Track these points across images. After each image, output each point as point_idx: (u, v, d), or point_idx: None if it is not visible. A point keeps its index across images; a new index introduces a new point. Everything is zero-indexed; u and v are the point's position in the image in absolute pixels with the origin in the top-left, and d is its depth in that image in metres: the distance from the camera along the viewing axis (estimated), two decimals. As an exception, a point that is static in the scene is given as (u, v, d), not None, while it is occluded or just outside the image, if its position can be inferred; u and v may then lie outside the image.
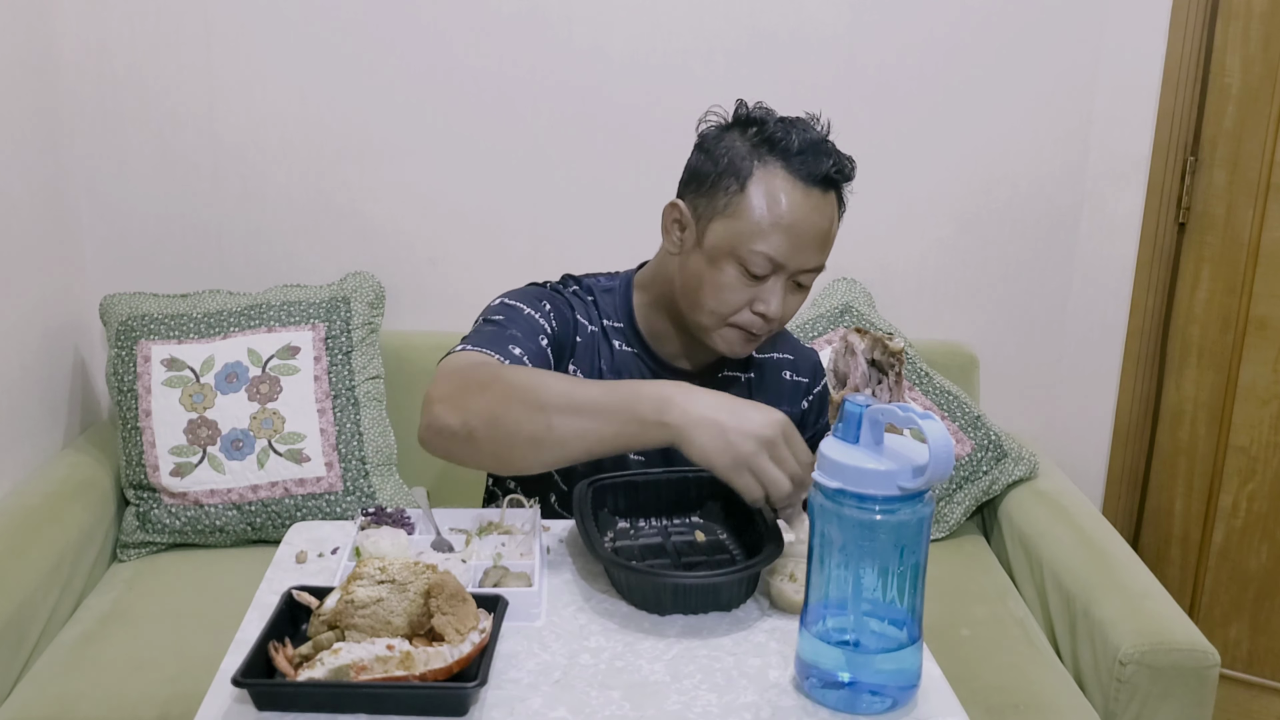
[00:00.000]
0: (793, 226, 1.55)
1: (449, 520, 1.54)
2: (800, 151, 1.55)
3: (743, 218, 1.55)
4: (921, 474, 1.11)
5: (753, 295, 1.58)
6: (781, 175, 1.55)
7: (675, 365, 1.73)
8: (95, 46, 2.55)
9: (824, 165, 1.56)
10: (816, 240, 1.57)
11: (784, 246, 1.55)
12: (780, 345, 1.84)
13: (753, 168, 1.56)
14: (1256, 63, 2.49)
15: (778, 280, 1.58)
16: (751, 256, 1.55)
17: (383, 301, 2.64)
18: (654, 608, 1.34)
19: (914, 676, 1.19)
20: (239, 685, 1.11)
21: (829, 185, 1.58)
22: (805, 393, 1.83)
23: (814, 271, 1.60)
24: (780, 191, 1.55)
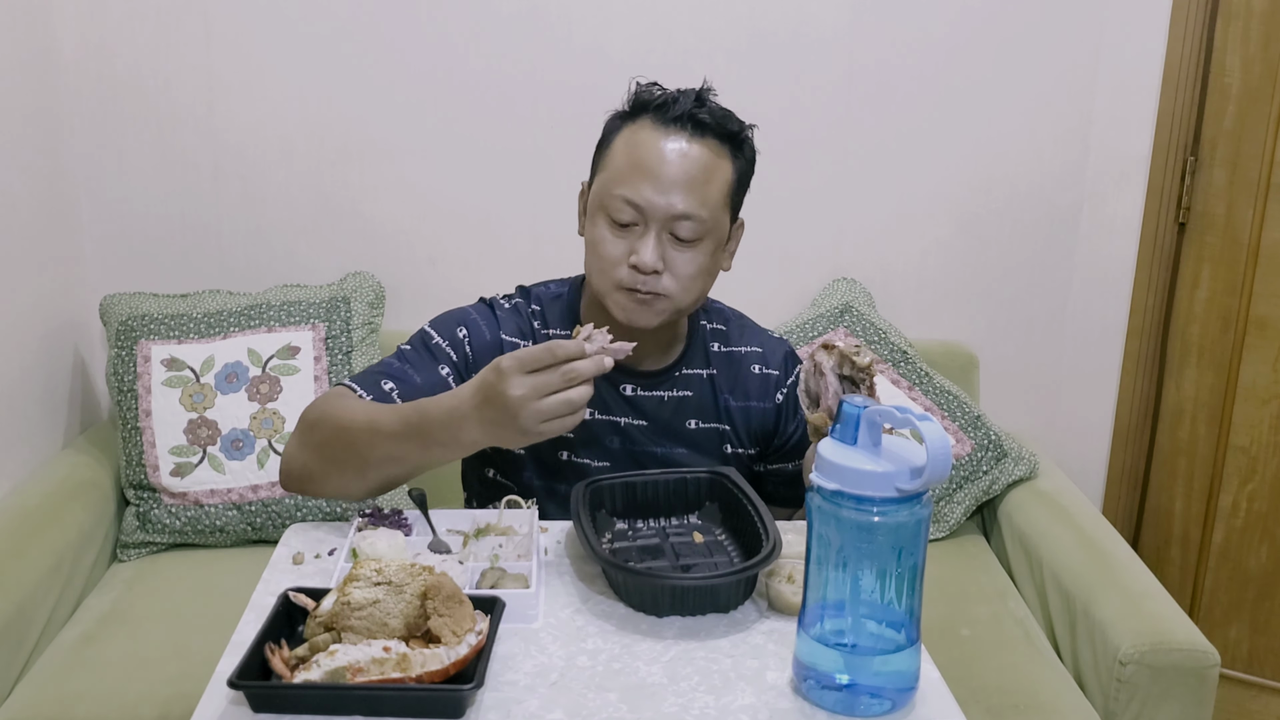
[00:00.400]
0: (651, 167, 1.55)
1: (446, 522, 1.54)
2: (662, 101, 1.57)
3: (608, 168, 1.59)
4: (919, 475, 1.11)
5: (628, 248, 1.57)
6: (644, 126, 1.58)
7: (632, 367, 1.70)
8: (95, 46, 2.55)
9: (685, 107, 1.56)
10: (678, 182, 1.55)
11: (641, 187, 1.54)
12: (747, 337, 1.80)
13: (620, 126, 1.60)
14: (1256, 63, 2.49)
15: (649, 230, 1.56)
16: (612, 202, 1.56)
17: (383, 301, 2.64)
18: (651, 609, 1.34)
19: (912, 679, 1.19)
20: (235, 687, 1.11)
21: (698, 128, 1.56)
22: (778, 386, 1.79)
23: (687, 219, 1.56)
24: (639, 138, 1.57)
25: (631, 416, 1.71)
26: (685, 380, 1.73)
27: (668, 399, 1.72)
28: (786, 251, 2.76)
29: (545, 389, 1.35)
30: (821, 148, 2.70)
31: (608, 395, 1.69)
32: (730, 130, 1.59)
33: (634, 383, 1.71)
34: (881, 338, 2.60)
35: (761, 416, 1.77)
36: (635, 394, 1.71)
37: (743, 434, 1.76)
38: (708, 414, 1.74)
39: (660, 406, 1.72)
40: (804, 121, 2.68)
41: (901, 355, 2.58)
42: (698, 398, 1.73)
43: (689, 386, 1.73)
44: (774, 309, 2.73)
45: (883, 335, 2.60)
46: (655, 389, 1.72)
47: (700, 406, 1.74)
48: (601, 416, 1.70)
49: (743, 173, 1.64)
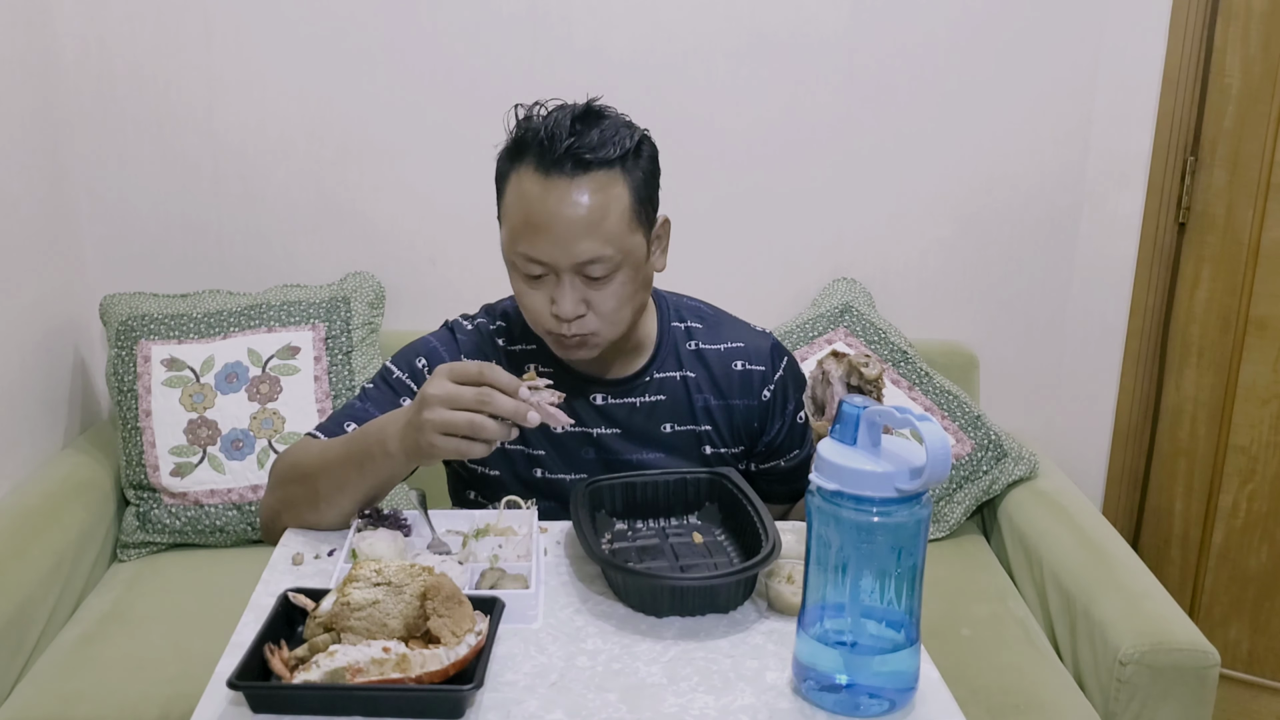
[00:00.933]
0: (541, 223, 1.48)
1: (446, 522, 1.54)
2: (540, 143, 1.49)
3: (506, 223, 1.54)
4: (919, 476, 1.11)
5: (547, 297, 1.54)
6: (526, 173, 1.51)
7: (599, 376, 1.69)
8: (95, 46, 2.55)
9: (559, 147, 1.47)
10: (570, 231, 1.48)
11: (538, 243, 1.49)
12: (727, 334, 1.75)
13: (509, 171, 1.54)
14: (1256, 63, 2.49)
15: (560, 279, 1.52)
16: (518, 260, 1.53)
17: (383, 301, 2.64)
18: (651, 610, 1.34)
19: (912, 679, 1.19)
20: (234, 688, 1.11)
21: (579, 166, 1.48)
22: (764, 382, 1.73)
23: (596, 263, 1.50)
24: (524, 189, 1.50)
25: (604, 426, 1.69)
26: (658, 384, 1.70)
27: (640, 405, 1.69)
28: (786, 251, 2.76)
29: (458, 400, 1.34)
30: (821, 148, 2.70)
31: (579, 406, 1.66)
32: (612, 159, 1.50)
33: (604, 391, 1.68)
34: (881, 338, 2.60)
35: (745, 413, 1.73)
36: (606, 403, 1.69)
37: (725, 433, 1.73)
38: (683, 417, 1.71)
39: (633, 413, 1.69)
40: (804, 121, 2.68)
41: (901, 355, 2.58)
42: (671, 401, 1.70)
43: (662, 390, 1.70)
44: (774, 309, 2.73)
45: (883, 335, 2.60)
46: (626, 396, 1.69)
47: (675, 410, 1.70)
48: (575, 429, 1.66)
49: (643, 180, 1.55)
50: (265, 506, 1.61)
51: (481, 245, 2.74)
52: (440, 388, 1.36)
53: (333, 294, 2.58)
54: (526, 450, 1.68)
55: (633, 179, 1.52)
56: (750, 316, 1.86)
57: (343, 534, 1.53)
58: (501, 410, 1.34)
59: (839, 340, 2.59)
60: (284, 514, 1.57)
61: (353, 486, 1.50)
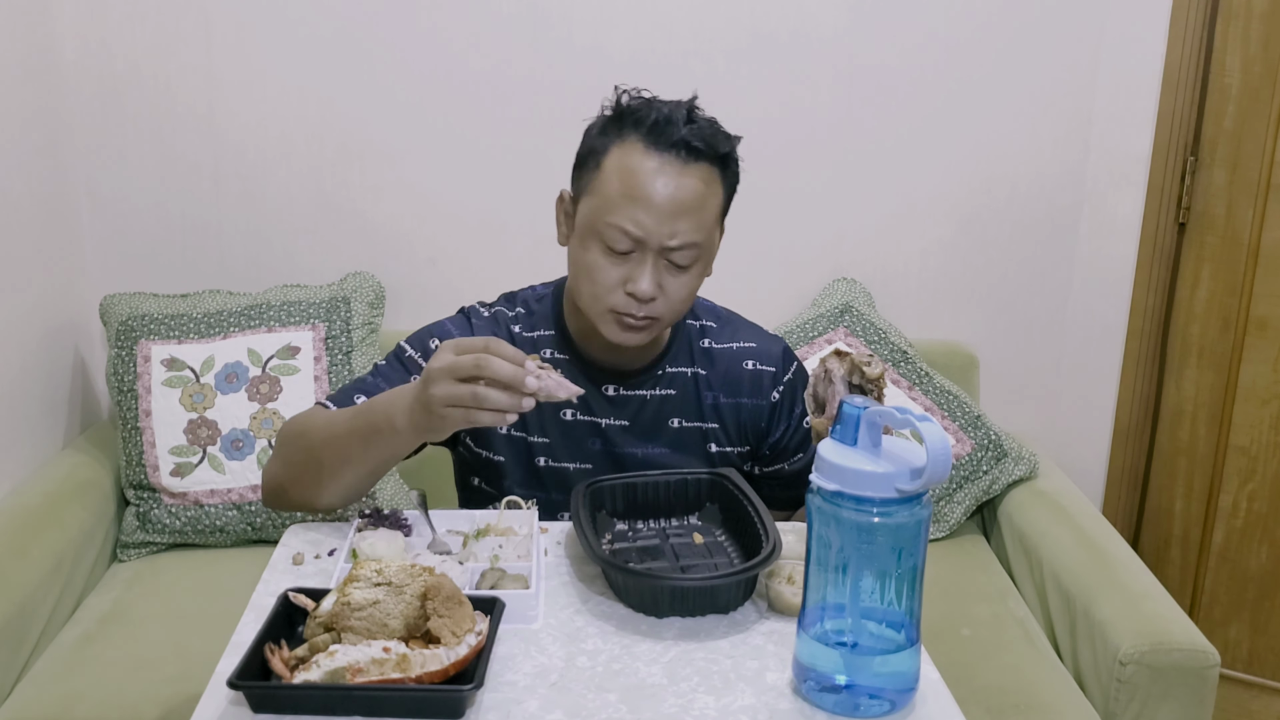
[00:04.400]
0: (647, 197, 1.51)
1: (446, 522, 1.54)
2: (655, 123, 1.53)
3: (599, 193, 1.55)
4: (919, 476, 1.11)
5: (624, 275, 1.55)
6: (636, 148, 1.53)
7: (614, 367, 1.69)
8: (95, 46, 2.55)
9: (677, 132, 1.52)
10: (675, 211, 1.52)
11: (640, 218, 1.51)
12: (740, 334, 1.78)
13: (609, 144, 1.55)
14: (1256, 63, 2.49)
15: (645, 257, 1.54)
16: (608, 231, 1.53)
17: (383, 301, 2.63)
18: (651, 610, 1.34)
19: (912, 679, 1.19)
20: (234, 688, 1.11)
21: (691, 154, 1.53)
22: (773, 383, 1.76)
23: (686, 249, 1.54)
24: (632, 163, 1.52)
25: (613, 417, 1.70)
26: (669, 379, 1.72)
27: (650, 398, 1.71)
28: (786, 251, 2.76)
29: (459, 370, 1.32)
30: (821, 148, 2.70)
31: (590, 396, 1.67)
32: (721, 153, 1.56)
33: (616, 383, 1.70)
34: (881, 338, 2.60)
35: (753, 413, 1.75)
36: (618, 394, 1.70)
37: (731, 432, 1.75)
38: (691, 413, 1.73)
39: (643, 406, 1.71)
40: (804, 121, 2.68)
41: (901, 355, 2.58)
42: (681, 396, 1.72)
43: (672, 385, 1.72)
44: (774, 309, 2.72)
45: (883, 335, 2.60)
46: (638, 388, 1.71)
47: (684, 405, 1.72)
48: (583, 417, 1.69)
49: (731, 188, 1.61)
50: (269, 472, 1.59)
51: (482, 245, 2.75)
52: (442, 360, 1.33)
53: (333, 294, 2.58)
54: (529, 438, 1.69)
55: (726, 183, 1.58)
56: (750, 316, 1.86)
57: (343, 534, 1.53)
58: (499, 375, 1.31)
59: (839, 340, 2.59)
60: (288, 485, 1.55)
61: (357, 460, 1.48)
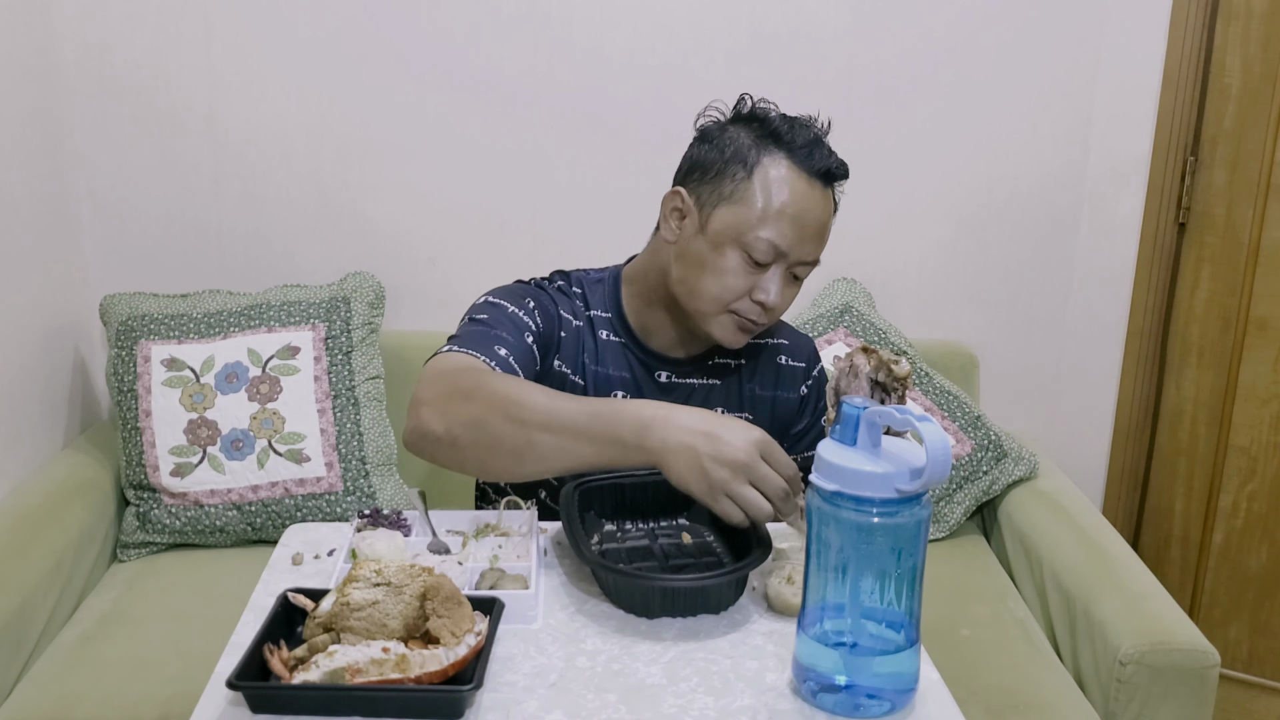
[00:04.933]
0: (797, 216, 1.58)
1: (446, 522, 1.54)
2: (804, 145, 1.60)
3: (749, 204, 1.59)
4: (919, 476, 1.11)
5: (753, 283, 1.61)
6: (787, 166, 1.59)
7: (666, 355, 1.74)
8: (95, 46, 2.55)
9: (826, 160, 1.61)
10: (817, 231, 1.61)
11: (787, 234, 1.58)
12: (775, 331, 1.85)
13: (759, 157, 1.60)
14: (1256, 63, 2.49)
15: (777, 269, 1.61)
16: (756, 243, 1.58)
17: (383, 301, 2.63)
18: (642, 611, 1.34)
19: (912, 680, 1.18)
20: (234, 688, 1.11)
21: (828, 179, 1.62)
22: (803, 378, 1.84)
23: (811, 264, 1.64)
24: (786, 181, 1.58)
25: None
26: (716, 369, 1.77)
27: (698, 387, 1.76)
28: (786, 251, 2.76)
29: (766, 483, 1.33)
30: (821, 148, 2.69)
31: (643, 381, 1.73)
32: (841, 179, 1.65)
33: (670, 370, 1.74)
34: (881, 338, 2.60)
35: (785, 406, 1.82)
36: (670, 380, 1.74)
37: (764, 422, 1.79)
38: (732, 403, 1.78)
39: (691, 394, 1.75)
40: (804, 121, 2.68)
41: (902, 355, 2.58)
42: (724, 386, 1.77)
43: (718, 375, 1.77)
44: (774, 309, 2.72)
45: (883, 335, 2.60)
46: (689, 376, 1.75)
47: (726, 395, 1.77)
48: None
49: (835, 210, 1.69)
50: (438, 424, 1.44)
51: (482, 245, 2.75)
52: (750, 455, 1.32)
53: (333, 294, 2.58)
54: None
55: (835, 204, 1.66)
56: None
57: (343, 534, 1.53)
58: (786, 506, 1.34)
59: (839, 340, 2.59)
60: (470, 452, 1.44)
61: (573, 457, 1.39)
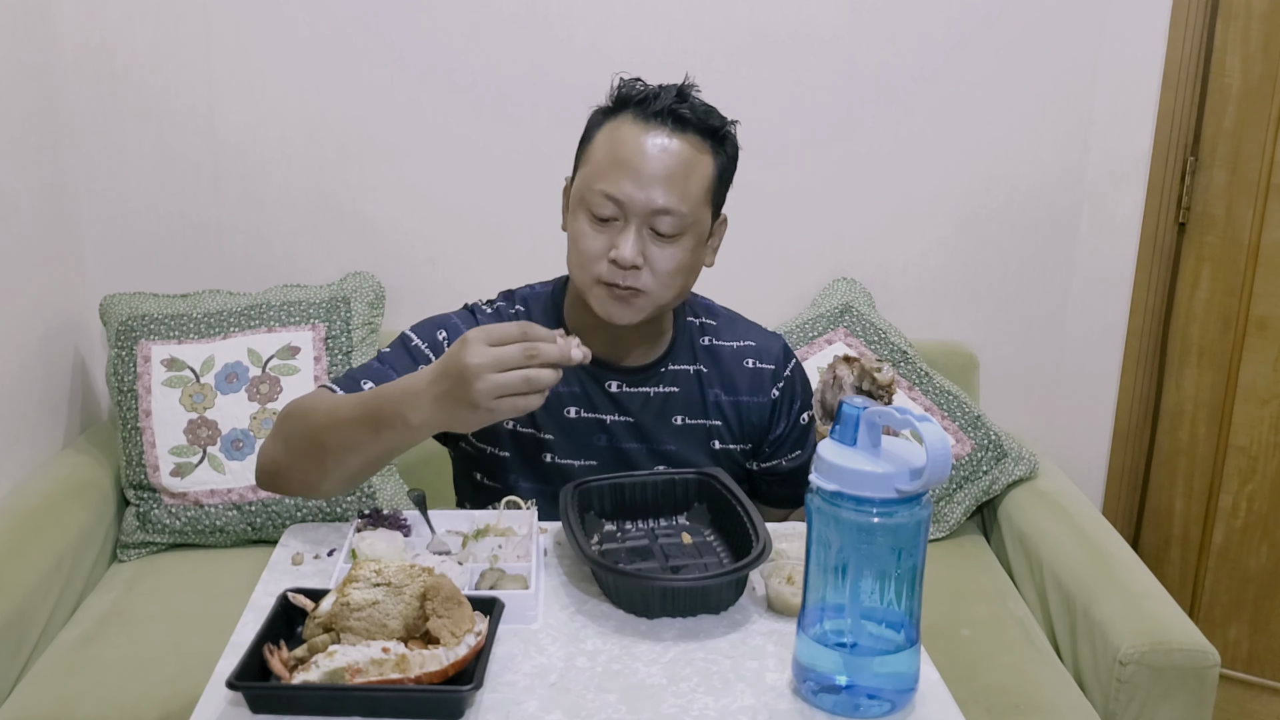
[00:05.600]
0: (628, 161, 1.55)
1: (446, 522, 1.54)
2: (644, 97, 1.58)
3: (589, 164, 1.59)
4: (919, 476, 1.11)
5: (608, 243, 1.57)
6: (624, 121, 1.58)
7: (615, 364, 1.70)
8: (95, 46, 2.55)
9: (667, 102, 1.56)
10: (658, 177, 1.54)
11: (621, 182, 1.54)
12: (740, 332, 1.80)
13: (602, 121, 1.61)
14: (1256, 63, 2.49)
15: (629, 225, 1.56)
16: (592, 197, 1.57)
17: (383, 301, 2.63)
18: (642, 611, 1.34)
19: (911, 680, 1.19)
20: (233, 688, 1.11)
21: (679, 123, 1.56)
22: (774, 380, 1.78)
23: (667, 215, 1.55)
24: (620, 133, 1.57)
25: (617, 414, 1.71)
26: (672, 376, 1.73)
27: (653, 395, 1.72)
28: (786, 251, 2.76)
29: (507, 362, 1.31)
30: (821, 148, 2.70)
31: (593, 393, 1.70)
32: (712, 126, 1.59)
33: (619, 379, 1.71)
34: (881, 338, 2.60)
35: (757, 411, 1.77)
36: (621, 390, 1.71)
37: (734, 429, 1.76)
38: (695, 411, 1.74)
39: (646, 403, 1.71)
40: (804, 121, 2.68)
41: (901, 355, 2.58)
42: (684, 394, 1.73)
43: (676, 383, 1.73)
44: (774, 309, 2.72)
45: (883, 335, 2.60)
46: (641, 385, 1.71)
47: (687, 403, 1.73)
48: (587, 414, 1.70)
49: (724, 169, 1.63)
50: (266, 453, 1.56)
51: (482, 245, 2.75)
52: (481, 355, 1.31)
53: (333, 294, 2.58)
54: (537, 434, 1.69)
55: (717, 160, 1.60)
56: (750, 316, 1.87)
57: (342, 534, 1.53)
58: (549, 358, 1.32)
59: (839, 340, 2.59)
60: (287, 468, 1.53)
61: (362, 449, 1.45)
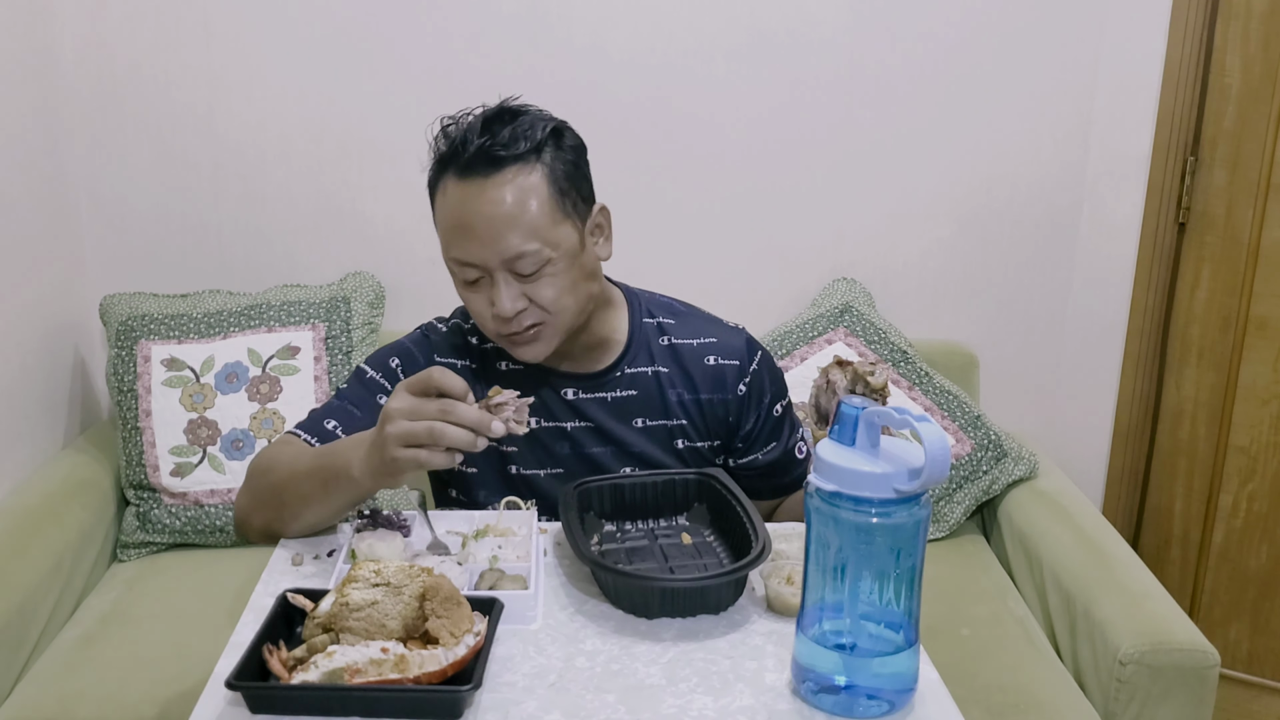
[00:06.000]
0: (462, 224, 1.53)
1: (445, 523, 1.54)
2: (454, 151, 1.54)
3: (439, 233, 1.59)
4: (918, 476, 1.11)
5: (487, 299, 1.57)
6: (449, 182, 1.55)
7: (569, 371, 1.70)
8: (95, 45, 2.55)
9: (468, 151, 1.52)
10: (493, 226, 1.51)
11: (466, 246, 1.54)
12: (700, 329, 1.77)
13: (436, 184, 1.59)
14: (1256, 63, 2.49)
15: (495, 277, 1.54)
16: (452, 265, 1.58)
17: (383, 301, 2.64)
18: (642, 611, 1.34)
19: (911, 680, 1.18)
20: (233, 688, 1.11)
21: (491, 164, 1.52)
22: (739, 376, 1.74)
23: (520, 258, 1.52)
24: (447, 198, 1.55)
25: (576, 420, 1.70)
26: (629, 379, 1.71)
27: (611, 400, 1.70)
28: (786, 251, 2.76)
29: (420, 414, 1.33)
30: (821, 148, 2.70)
31: (551, 401, 1.69)
32: (524, 152, 1.53)
33: (575, 386, 1.70)
34: (881, 338, 2.60)
35: (721, 408, 1.74)
36: (577, 397, 1.70)
37: (700, 427, 1.74)
38: (655, 412, 1.72)
39: (604, 408, 1.70)
40: (804, 121, 2.68)
41: (901, 355, 2.58)
42: (643, 396, 1.71)
43: (633, 385, 1.71)
44: (774, 309, 2.73)
45: (883, 335, 2.60)
46: (597, 391, 1.70)
47: (647, 405, 1.71)
48: (548, 423, 1.69)
49: (565, 169, 1.57)
50: (238, 504, 1.60)
51: (481, 245, 2.75)
52: (400, 401, 1.35)
53: (333, 294, 2.58)
54: (501, 448, 1.69)
55: (551, 170, 1.55)
56: (750, 316, 1.86)
57: (342, 534, 1.53)
58: (464, 421, 1.33)
59: (839, 340, 2.59)
60: (254, 518, 1.56)
61: (317, 502, 1.49)
